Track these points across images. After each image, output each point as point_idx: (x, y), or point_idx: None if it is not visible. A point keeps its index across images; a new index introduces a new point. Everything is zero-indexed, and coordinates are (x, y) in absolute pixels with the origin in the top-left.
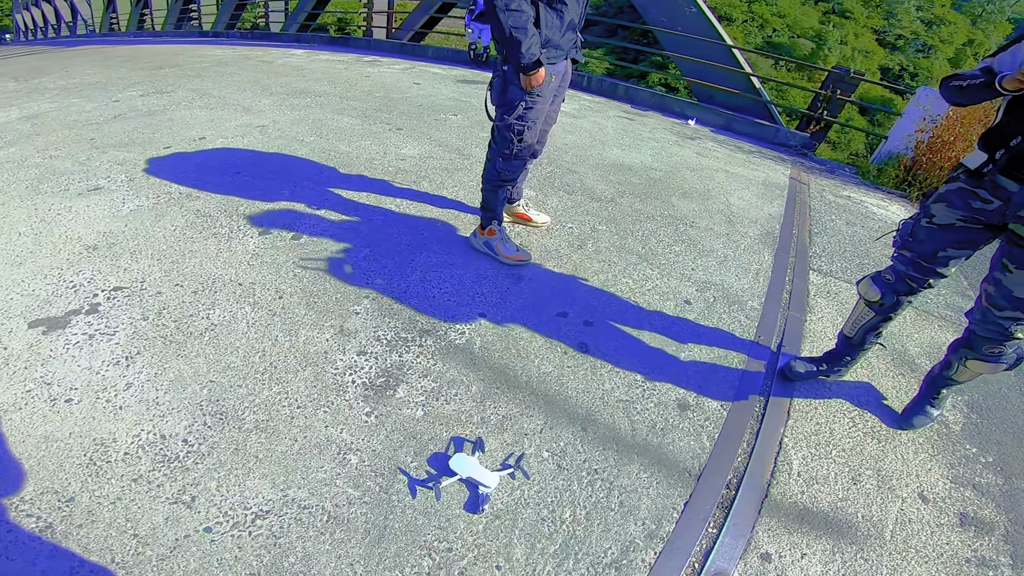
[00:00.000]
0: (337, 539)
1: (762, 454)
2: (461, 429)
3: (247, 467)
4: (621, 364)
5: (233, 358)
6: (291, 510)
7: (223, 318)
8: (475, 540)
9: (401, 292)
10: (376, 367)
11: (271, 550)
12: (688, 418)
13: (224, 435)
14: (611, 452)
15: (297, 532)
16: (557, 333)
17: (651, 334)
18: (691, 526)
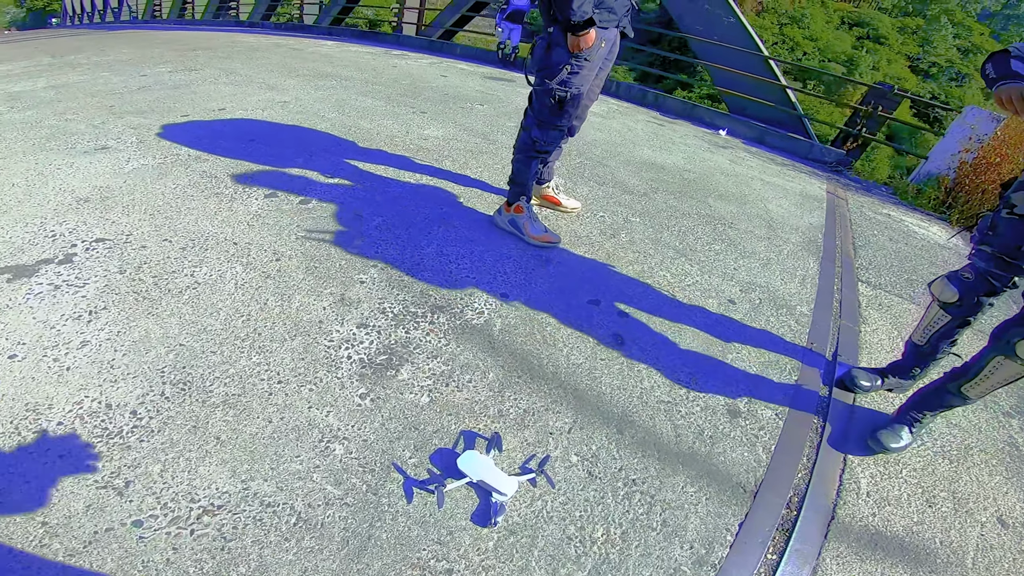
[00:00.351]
0: (305, 548)
1: (824, 471)
2: (474, 422)
3: (204, 450)
4: (661, 361)
5: (212, 320)
6: (251, 507)
7: (209, 277)
8: (483, 561)
9: (414, 264)
10: (378, 343)
11: (216, 555)
12: (740, 426)
13: (183, 409)
14: (652, 460)
15: (254, 535)
16: (588, 322)
17: (693, 331)
18: (748, 551)
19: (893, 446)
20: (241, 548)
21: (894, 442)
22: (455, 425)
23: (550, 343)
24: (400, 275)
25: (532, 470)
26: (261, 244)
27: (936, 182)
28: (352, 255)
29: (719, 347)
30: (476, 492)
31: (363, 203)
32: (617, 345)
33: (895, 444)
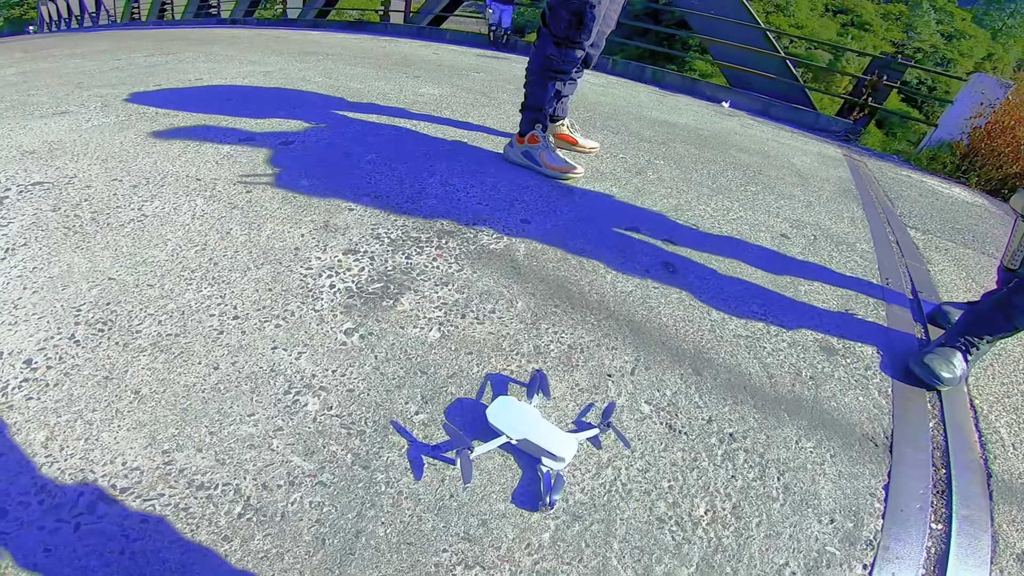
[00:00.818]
0: (255, 552)
1: (956, 419)
2: (503, 363)
3: (114, 408)
4: (725, 292)
5: (156, 252)
6: (172, 490)
7: (160, 210)
8: (537, 564)
9: (415, 193)
10: (370, 269)
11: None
12: (841, 365)
13: (95, 355)
14: (748, 408)
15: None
16: (631, 249)
17: (751, 268)
18: (906, 522)
19: (945, 375)
20: (151, 551)
21: (946, 370)
22: (478, 367)
23: (589, 269)
24: (398, 203)
25: (593, 425)
26: (230, 179)
27: (949, 148)
28: (340, 186)
29: (785, 281)
30: (517, 459)
31: (353, 143)
32: (669, 274)
33: (947, 374)
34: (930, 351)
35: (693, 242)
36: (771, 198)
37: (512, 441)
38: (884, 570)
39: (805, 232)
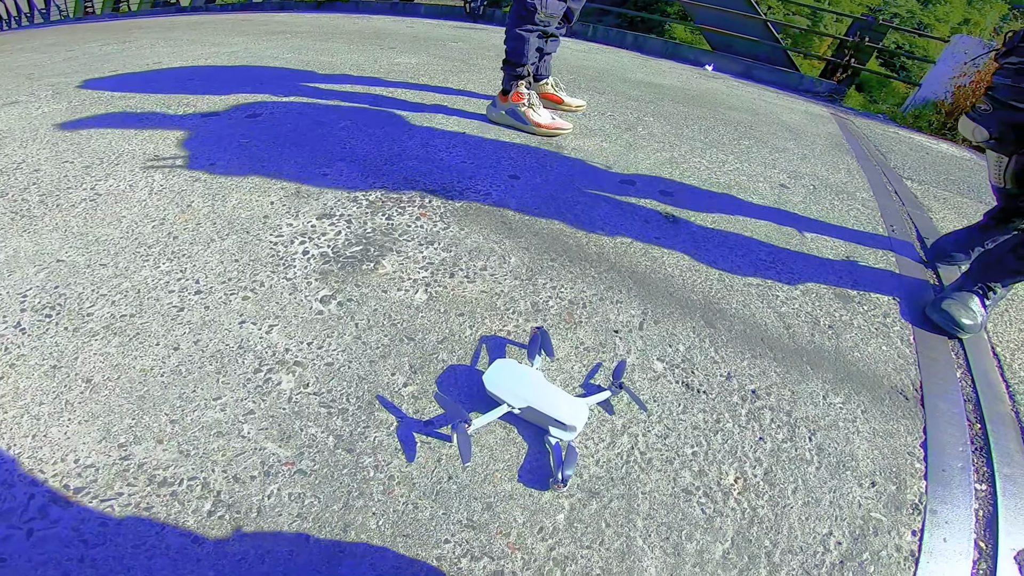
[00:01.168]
0: (232, 556)
1: (982, 368)
2: (498, 323)
3: (63, 400)
4: (730, 242)
5: (109, 230)
6: (132, 487)
7: (115, 188)
8: (553, 549)
9: (394, 155)
10: (348, 233)
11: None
12: (860, 313)
13: (43, 342)
14: (768, 362)
15: (135, 535)
16: (628, 201)
17: (753, 218)
18: (950, 482)
19: (966, 322)
20: (114, 558)
21: (966, 317)
22: (471, 330)
23: (585, 222)
24: (377, 165)
25: (603, 387)
26: (193, 155)
27: (934, 106)
28: (312, 153)
29: (789, 230)
30: (521, 431)
31: (325, 112)
32: (670, 224)
33: (967, 320)
34: (947, 297)
35: (691, 193)
36: (765, 151)
37: (514, 411)
38: (934, 535)
39: (804, 182)
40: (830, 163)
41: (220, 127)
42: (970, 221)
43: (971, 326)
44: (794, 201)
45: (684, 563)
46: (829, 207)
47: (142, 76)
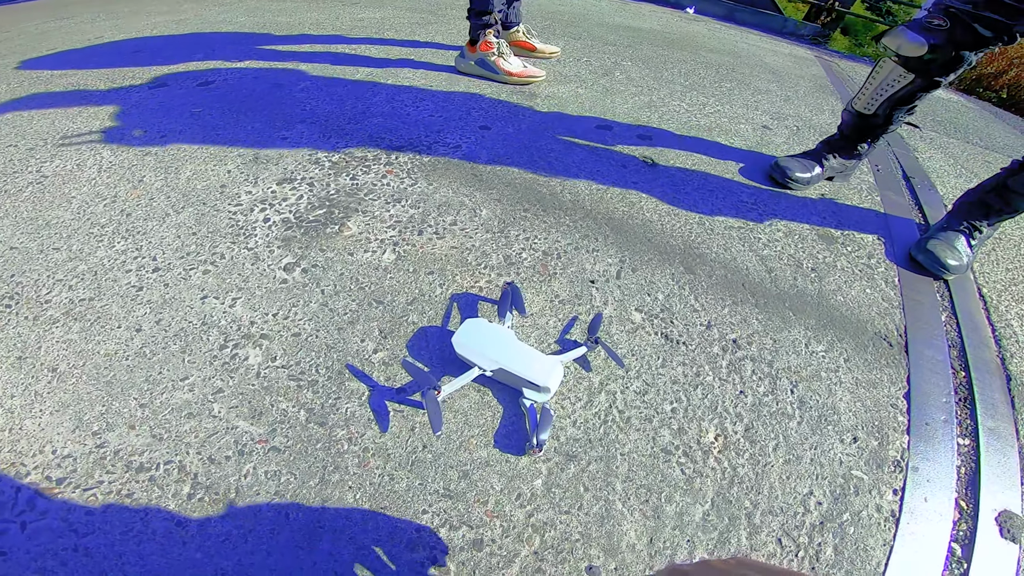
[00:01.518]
0: (215, 536)
1: (968, 311)
2: (470, 279)
3: (32, 392)
4: (711, 184)
5: (60, 213)
6: (111, 475)
7: (62, 168)
8: (532, 516)
9: (358, 114)
10: (310, 196)
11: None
12: (843, 254)
13: (6, 334)
14: (748, 308)
15: (123, 523)
16: (604, 146)
17: (735, 160)
18: (933, 437)
19: (952, 263)
20: (105, 545)
21: (952, 257)
22: (441, 288)
23: (559, 169)
24: (339, 125)
25: (579, 343)
26: (140, 126)
27: None
28: (270, 117)
29: None
30: (495, 394)
31: (284, 74)
32: (648, 168)
33: (953, 261)
34: (933, 237)
35: (670, 136)
36: (747, 93)
37: (486, 373)
38: (915, 495)
39: (787, 123)
40: (814, 104)
41: (170, 98)
42: (958, 160)
43: (957, 267)
44: (777, 142)
45: (664, 526)
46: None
47: (83, 52)
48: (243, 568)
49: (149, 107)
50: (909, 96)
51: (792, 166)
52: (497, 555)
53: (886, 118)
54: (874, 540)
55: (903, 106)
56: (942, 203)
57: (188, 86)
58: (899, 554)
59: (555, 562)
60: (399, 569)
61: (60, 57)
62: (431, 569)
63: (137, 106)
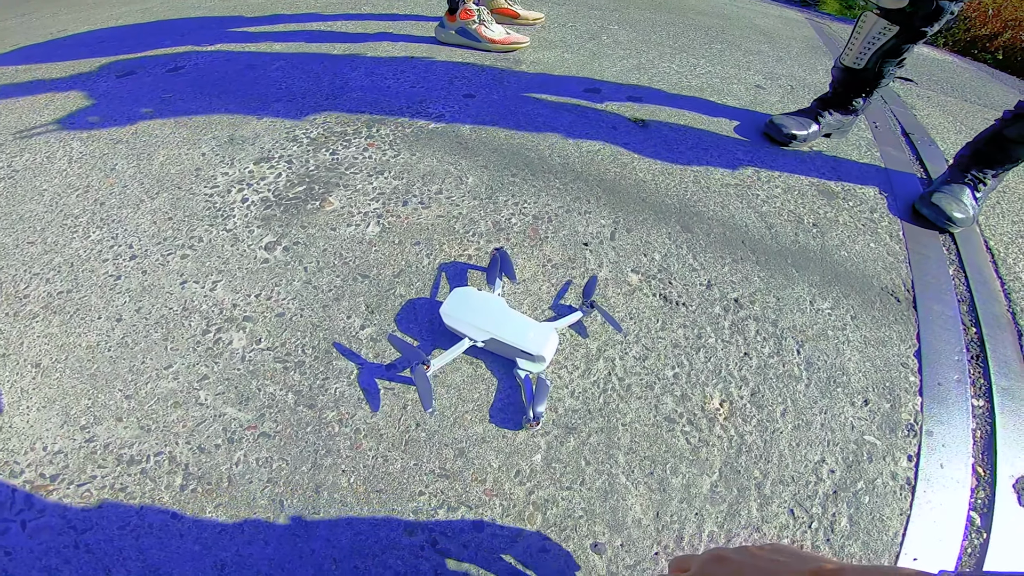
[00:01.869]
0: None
1: (975, 264)
2: (457, 248)
3: (18, 388)
4: (705, 143)
5: (32, 206)
6: (103, 469)
7: (31, 162)
8: (532, 493)
9: (336, 89)
10: (289, 173)
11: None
12: (845, 208)
13: None
14: (749, 266)
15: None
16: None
17: (728, 119)
18: (946, 398)
19: (957, 215)
20: (105, 541)
21: (958, 210)
22: (428, 259)
23: (547, 133)
24: (317, 101)
25: (574, 308)
26: (109, 116)
27: None
28: (244, 98)
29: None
30: (488, 366)
31: (257, 56)
32: (639, 129)
33: (959, 213)
34: (936, 190)
35: (661, 98)
36: (738, 54)
37: (477, 344)
38: (931, 461)
39: (780, 83)
40: (807, 64)
41: (138, 86)
42: (956, 117)
43: (962, 219)
44: (771, 101)
45: (671, 499)
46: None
47: (47, 46)
48: (242, 559)
49: (118, 96)
50: (896, 48)
51: (788, 123)
52: (499, 536)
53: (877, 71)
54: (890, 509)
55: (892, 58)
56: (943, 158)
57: (157, 73)
58: (916, 524)
59: (559, 540)
60: (398, 554)
61: (23, 52)
62: (431, 552)
63: (105, 95)
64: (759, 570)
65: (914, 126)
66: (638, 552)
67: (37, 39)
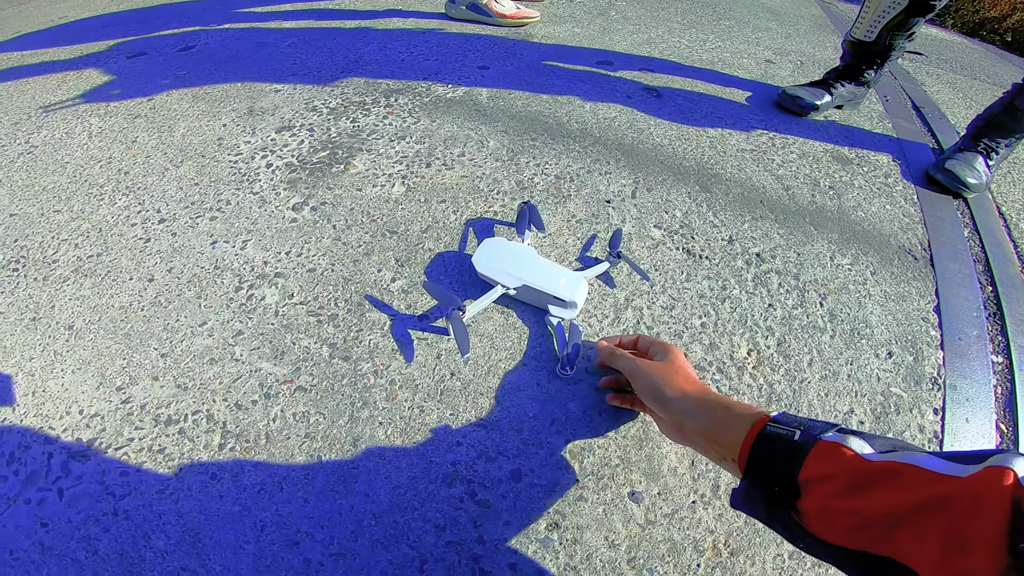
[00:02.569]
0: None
1: (989, 228)
2: (483, 205)
3: (51, 352)
4: (719, 112)
5: (56, 178)
6: (140, 430)
7: (50, 138)
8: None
9: (350, 63)
10: (311, 140)
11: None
12: (860, 173)
13: (16, 298)
14: (768, 224)
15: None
16: (607, 80)
17: (740, 90)
18: (967, 352)
19: (971, 181)
20: (143, 507)
21: (971, 175)
22: (455, 215)
23: (563, 102)
24: (333, 74)
25: (600, 259)
26: (126, 92)
27: None
28: (259, 73)
29: None
30: (520, 315)
31: (267, 33)
32: (654, 98)
33: (972, 179)
34: (950, 157)
35: (673, 70)
36: (747, 30)
37: (509, 291)
38: (956, 415)
39: (790, 58)
40: (816, 41)
41: (151, 65)
42: (967, 95)
43: (976, 184)
44: (782, 75)
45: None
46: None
47: (50, 32)
48: (281, 518)
49: (131, 75)
50: (905, 22)
51: (801, 93)
52: (537, 485)
53: (887, 44)
54: None
55: (901, 31)
56: (955, 130)
57: (168, 53)
58: None
59: (596, 489)
60: (437, 506)
61: (26, 39)
62: (470, 504)
63: (118, 75)
64: None
65: (924, 101)
66: (675, 500)
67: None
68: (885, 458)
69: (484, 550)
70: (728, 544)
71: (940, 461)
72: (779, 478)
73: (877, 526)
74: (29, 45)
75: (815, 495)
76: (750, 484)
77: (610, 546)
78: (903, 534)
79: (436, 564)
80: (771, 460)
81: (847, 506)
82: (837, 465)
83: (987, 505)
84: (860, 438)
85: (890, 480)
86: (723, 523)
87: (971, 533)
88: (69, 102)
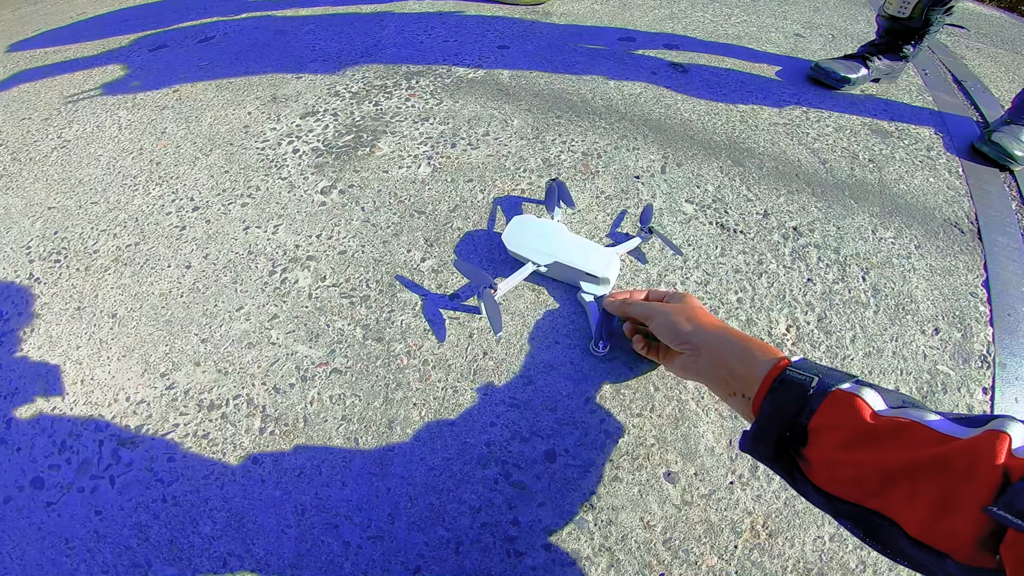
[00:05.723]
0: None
1: None
2: (510, 183)
3: (97, 340)
4: (748, 86)
5: (91, 170)
6: (185, 416)
7: (82, 132)
8: (602, 423)
9: (369, 47)
10: (336, 125)
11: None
12: (900, 147)
13: (60, 288)
14: (805, 197)
15: (202, 469)
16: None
17: (769, 64)
18: (1017, 330)
19: (1018, 153)
20: (191, 492)
21: (1018, 148)
22: (483, 194)
23: (587, 79)
24: (353, 59)
25: (631, 235)
26: (151, 84)
27: None
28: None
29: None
30: (551, 292)
31: (284, 22)
32: (680, 73)
33: (1020, 152)
34: (996, 129)
35: (698, 45)
36: (773, 4)
37: (540, 268)
38: (1006, 394)
39: (821, 31)
40: (847, 14)
41: (172, 57)
42: (1008, 68)
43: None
44: (812, 49)
45: (743, 425)
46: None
47: (71, 29)
48: (321, 502)
49: (154, 68)
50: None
51: (835, 67)
52: (572, 466)
53: (924, 19)
54: None
55: (939, 6)
56: (998, 104)
57: (188, 44)
58: None
59: (631, 469)
60: (473, 488)
61: (48, 36)
62: (505, 485)
63: (141, 68)
64: None
65: (966, 75)
66: (712, 481)
67: (58, 23)
68: (894, 414)
69: (519, 532)
70: (767, 525)
71: (947, 423)
72: (790, 423)
73: (874, 480)
74: (52, 42)
75: (821, 444)
76: (762, 425)
77: (645, 527)
78: (897, 491)
79: (471, 546)
80: (785, 404)
81: (848, 458)
82: (846, 416)
83: (981, 468)
84: (875, 391)
85: (893, 437)
86: (761, 504)
87: (962, 495)
88: (97, 96)
